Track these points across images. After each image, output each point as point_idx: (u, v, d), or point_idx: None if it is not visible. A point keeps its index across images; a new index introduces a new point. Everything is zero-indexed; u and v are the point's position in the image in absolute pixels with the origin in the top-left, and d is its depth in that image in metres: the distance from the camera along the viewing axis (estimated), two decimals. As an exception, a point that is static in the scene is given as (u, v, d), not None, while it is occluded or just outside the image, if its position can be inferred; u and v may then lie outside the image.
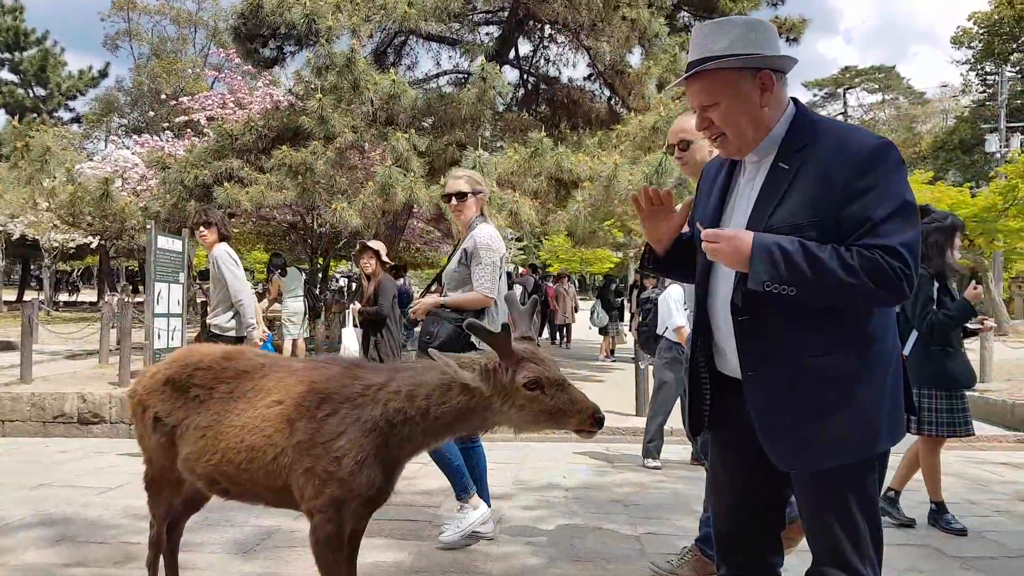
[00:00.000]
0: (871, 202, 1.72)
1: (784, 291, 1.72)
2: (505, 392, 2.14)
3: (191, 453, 2.45)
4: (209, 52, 33.99)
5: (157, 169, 12.73)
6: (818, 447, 1.79)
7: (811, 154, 1.80)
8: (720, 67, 1.83)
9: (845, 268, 1.68)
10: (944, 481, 5.60)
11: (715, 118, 1.87)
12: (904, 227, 1.72)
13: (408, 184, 9.52)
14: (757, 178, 1.90)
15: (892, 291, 1.71)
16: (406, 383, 2.26)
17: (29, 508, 4.56)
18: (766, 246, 1.73)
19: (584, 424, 2.11)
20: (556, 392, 2.12)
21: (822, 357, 1.78)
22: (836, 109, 54.11)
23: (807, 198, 1.77)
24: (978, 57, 36.46)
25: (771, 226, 1.78)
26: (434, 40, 12.77)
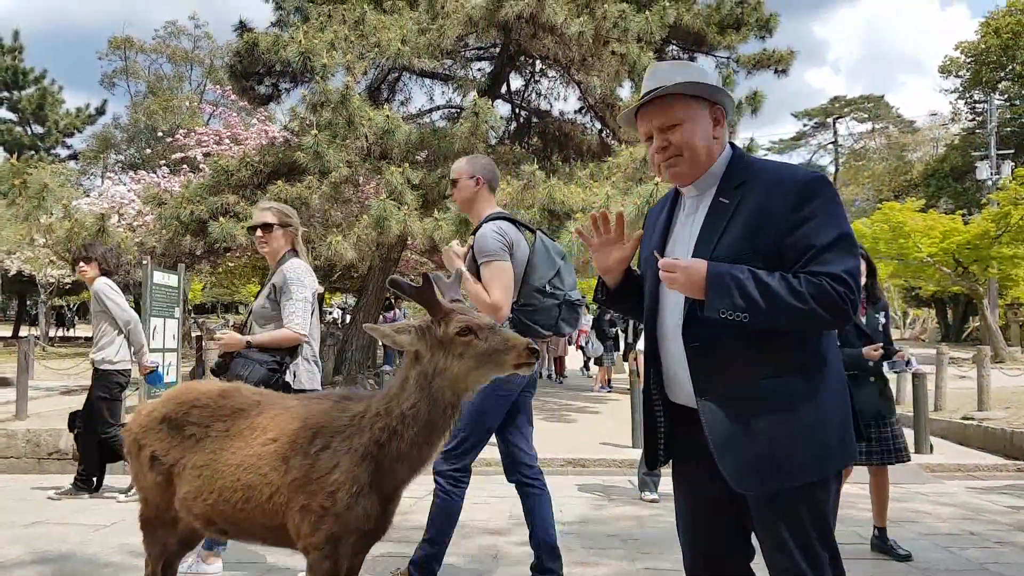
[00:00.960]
0: (811, 231, 1.82)
1: (738, 318, 1.80)
2: (442, 345, 2.21)
3: (188, 492, 2.44)
4: (205, 89, 34.34)
5: (153, 205, 12.80)
6: (771, 467, 1.85)
7: (750, 189, 1.92)
8: (685, 91, 1.97)
9: (793, 294, 1.78)
10: (944, 511, 5.61)
11: (674, 139, 1.98)
12: (845, 255, 1.82)
13: (402, 217, 9.59)
14: (698, 213, 2.02)
15: (838, 315, 1.80)
16: (381, 400, 2.30)
17: (23, 547, 4.51)
18: (720, 275, 1.81)
19: (521, 358, 2.17)
20: (489, 334, 2.19)
21: (772, 379, 1.86)
22: (826, 138, 54.75)
23: (748, 231, 1.87)
24: (966, 86, 37.01)
25: (715, 258, 1.87)
26: (427, 76, 12.95)
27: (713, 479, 1.94)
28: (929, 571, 4.13)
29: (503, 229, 3.45)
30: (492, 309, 3.23)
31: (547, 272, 3.43)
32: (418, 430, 2.24)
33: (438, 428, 2.26)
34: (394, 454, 2.25)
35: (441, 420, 2.25)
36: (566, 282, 3.49)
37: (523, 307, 3.40)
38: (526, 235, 3.68)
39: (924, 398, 8.18)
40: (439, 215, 9.78)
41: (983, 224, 21.29)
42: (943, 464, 7.68)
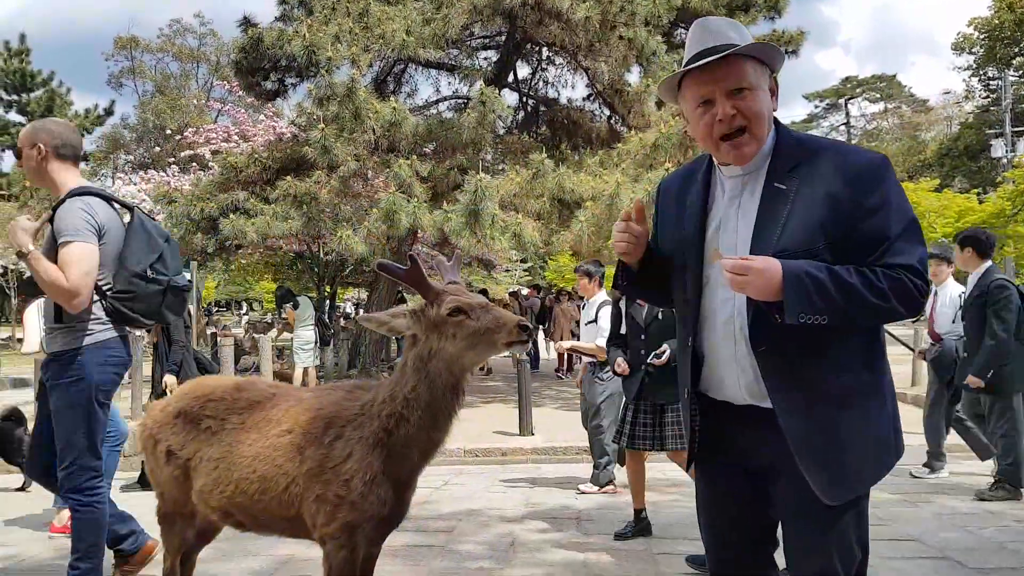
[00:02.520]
0: (884, 220, 1.71)
1: (817, 320, 1.68)
2: (435, 327, 2.21)
3: (205, 485, 2.47)
4: (212, 86, 34.42)
5: (164, 203, 12.88)
6: (854, 476, 1.78)
7: (808, 174, 1.76)
8: (750, 53, 1.77)
9: (875, 292, 1.68)
10: (961, 490, 5.56)
11: (743, 107, 1.76)
12: (917, 244, 1.74)
13: (411, 210, 9.59)
14: (744, 197, 1.83)
15: (914, 307, 1.73)
16: (387, 387, 2.32)
17: (45, 545, 4.56)
18: (798, 277, 1.67)
19: (513, 336, 2.17)
20: (480, 313, 2.20)
21: (839, 380, 1.76)
22: (838, 120, 54.25)
23: (815, 220, 1.72)
24: (980, 62, 36.54)
25: (782, 250, 1.71)
26: (433, 67, 12.91)
27: (738, 473, 1.88)
28: (947, 550, 4.11)
29: (91, 206, 3.07)
30: (69, 295, 2.89)
31: (147, 256, 3.13)
32: (421, 413, 2.24)
33: (442, 410, 2.26)
34: (403, 439, 2.26)
35: (443, 402, 2.25)
36: (170, 266, 3.21)
37: (120, 294, 3.08)
38: (121, 213, 3.29)
39: (940, 378, 8.08)
40: (448, 207, 9.77)
41: (998, 203, 21.08)
42: (959, 444, 7.60)
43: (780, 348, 1.75)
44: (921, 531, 4.47)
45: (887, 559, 3.83)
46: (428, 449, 2.31)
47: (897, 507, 5.05)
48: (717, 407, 1.90)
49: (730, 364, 1.83)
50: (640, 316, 4.44)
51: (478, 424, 8.41)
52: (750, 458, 1.87)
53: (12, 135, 35.39)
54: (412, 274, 2.24)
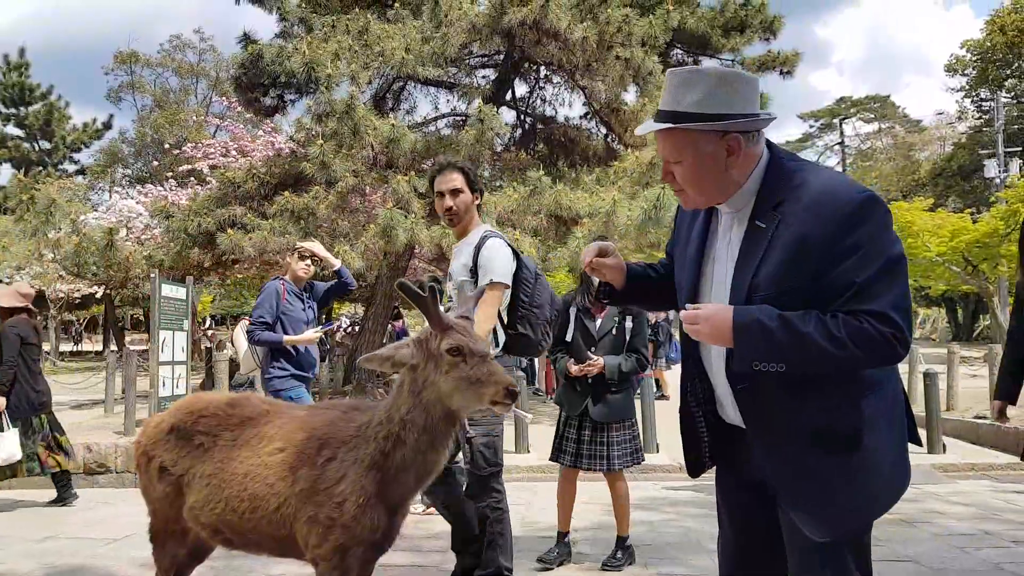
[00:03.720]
0: (854, 265, 1.63)
1: (773, 368, 1.67)
2: (433, 358, 2.21)
3: (196, 502, 2.44)
4: (211, 102, 34.53)
5: (161, 218, 12.86)
6: (847, 515, 1.74)
7: (788, 211, 1.71)
8: (685, 128, 1.74)
9: (831, 340, 1.62)
10: (958, 510, 5.55)
11: (677, 174, 1.80)
12: (891, 286, 1.64)
13: (409, 225, 9.60)
14: (733, 232, 1.84)
15: (883, 357, 1.66)
16: (383, 409, 2.30)
17: (35, 561, 4.51)
18: (747, 326, 1.66)
19: (498, 396, 2.16)
20: (477, 363, 2.18)
21: (823, 422, 1.72)
22: (833, 139, 54.63)
23: (788, 261, 1.69)
24: (973, 84, 36.88)
25: (755, 288, 1.72)
26: (432, 84, 12.97)
27: (752, 488, 1.88)
28: (943, 571, 4.09)
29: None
30: None
31: None
32: (418, 436, 2.22)
33: (439, 435, 2.25)
34: (399, 463, 2.24)
35: (440, 428, 2.24)
36: None
37: None
38: None
39: (936, 397, 8.11)
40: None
41: (992, 222, 21.17)
42: (956, 464, 7.61)
43: (759, 387, 1.73)
44: (919, 552, 4.45)
45: (885, 580, 3.81)
46: (424, 473, 2.29)
47: (895, 527, 5.03)
48: (724, 426, 1.92)
49: (725, 390, 1.85)
50: (593, 328, 4.27)
51: (474, 441, 8.37)
52: (757, 476, 1.87)
53: (10, 148, 35.47)
54: (426, 302, 2.22)
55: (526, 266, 3.62)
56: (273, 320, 5.06)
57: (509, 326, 3.57)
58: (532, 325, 3.57)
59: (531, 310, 3.59)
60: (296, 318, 5.20)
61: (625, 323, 4.26)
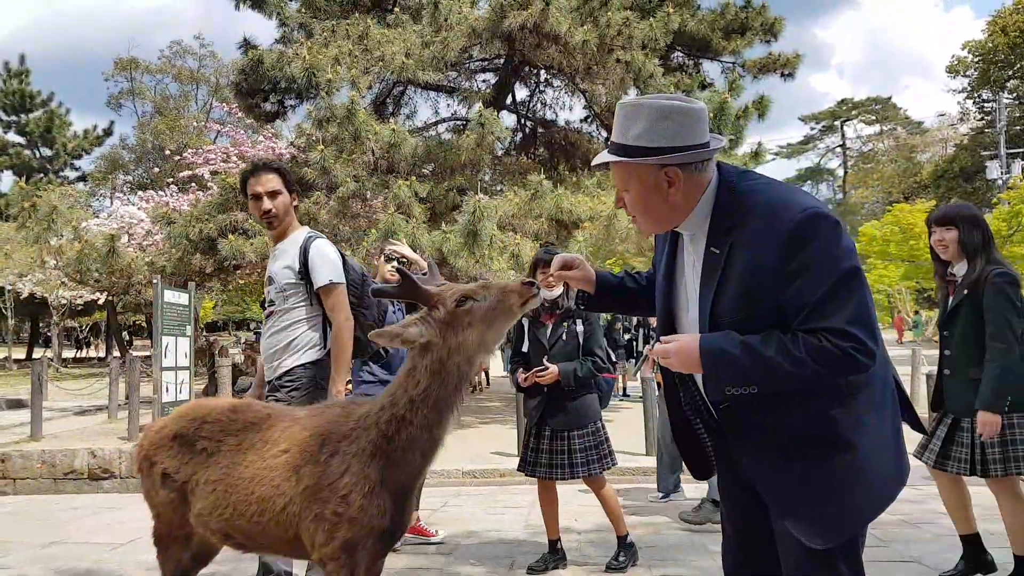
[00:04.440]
0: (805, 285, 1.65)
1: (746, 391, 1.72)
2: (448, 324, 2.22)
3: (203, 508, 2.45)
4: (211, 107, 34.66)
5: (162, 224, 12.87)
6: (836, 522, 1.74)
7: (739, 237, 1.73)
8: (624, 162, 1.80)
9: (792, 361, 1.64)
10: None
11: (627, 202, 1.88)
12: (845, 300, 1.65)
13: (410, 230, 9.62)
14: (695, 256, 1.87)
15: (845, 370, 1.66)
16: (386, 396, 2.31)
17: (41, 566, 4.53)
18: (712, 355, 1.70)
19: (524, 297, 2.21)
20: (484, 292, 2.23)
21: (813, 424, 1.73)
22: (834, 142, 54.69)
23: (743, 288, 1.72)
24: (975, 85, 36.92)
25: (716, 316, 1.76)
26: (432, 89, 13.01)
27: (747, 489, 1.89)
28: (942, 564, 4.09)
29: None
30: None
31: None
32: (427, 412, 2.23)
33: (449, 405, 2.26)
34: (404, 443, 2.24)
35: (453, 396, 2.26)
36: None
37: None
38: None
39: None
40: (447, 227, 9.81)
41: (994, 223, 21.14)
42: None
43: (740, 403, 1.76)
44: (921, 552, 4.44)
45: (888, 581, 3.81)
46: (430, 449, 2.29)
47: (897, 528, 5.02)
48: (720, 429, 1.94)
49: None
50: (544, 337, 4.20)
51: (476, 445, 8.37)
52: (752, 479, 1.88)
53: (11, 156, 35.56)
54: (406, 287, 2.26)
55: (353, 267, 3.63)
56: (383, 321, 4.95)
57: None
58: (361, 326, 3.55)
59: (360, 311, 3.60)
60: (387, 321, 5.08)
61: (576, 327, 4.16)
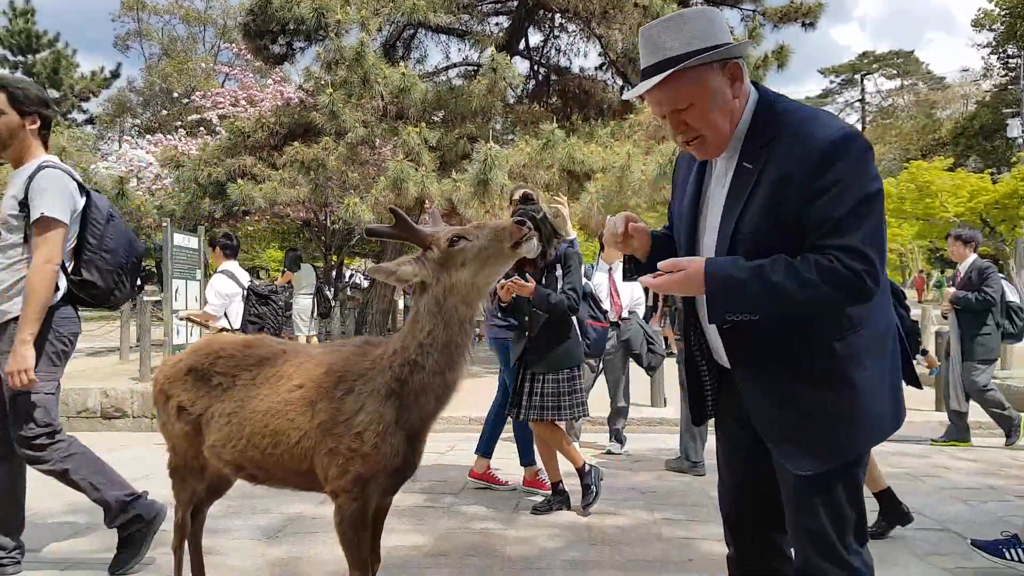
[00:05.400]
0: (830, 201, 1.65)
1: (746, 318, 1.73)
2: (441, 264, 2.23)
3: (217, 440, 2.49)
4: (219, 50, 34.14)
5: (171, 168, 12.86)
6: (827, 450, 1.77)
7: (774, 150, 1.73)
8: (686, 67, 1.71)
9: (801, 283, 1.64)
10: (964, 466, 5.60)
11: (690, 120, 1.78)
12: (865, 221, 1.66)
13: (420, 178, 9.55)
14: (726, 177, 1.85)
15: (852, 293, 1.67)
16: (397, 339, 2.33)
17: (57, 499, 4.63)
18: (717, 280, 1.70)
19: (516, 236, 2.18)
20: (477, 232, 2.22)
21: (812, 354, 1.75)
22: (853, 96, 53.58)
23: (770, 201, 1.72)
24: (1000, 40, 35.92)
25: (739, 229, 1.76)
26: (443, 32, 12.77)
27: (749, 432, 1.91)
28: (946, 523, 4.14)
29: None
30: None
31: None
32: (438, 356, 2.24)
33: (458, 348, 2.26)
34: (417, 387, 2.26)
35: (460, 338, 2.26)
36: None
37: None
38: None
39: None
40: (457, 176, 9.72)
41: (1012, 183, 20.88)
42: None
43: (744, 327, 1.77)
44: (923, 504, 4.49)
45: (889, 530, 3.87)
46: (443, 394, 2.30)
47: (900, 481, 5.07)
48: (722, 369, 1.96)
49: (714, 332, 1.89)
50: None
51: (484, 393, 8.42)
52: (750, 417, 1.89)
53: (19, 97, 35.26)
54: (400, 227, 2.25)
55: (96, 205, 3.28)
56: None
57: (73, 272, 3.25)
58: (100, 271, 3.27)
59: (99, 254, 3.26)
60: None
61: (555, 272, 4.19)
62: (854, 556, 1.81)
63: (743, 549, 2.04)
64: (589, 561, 3.52)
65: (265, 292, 6.65)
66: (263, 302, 6.54)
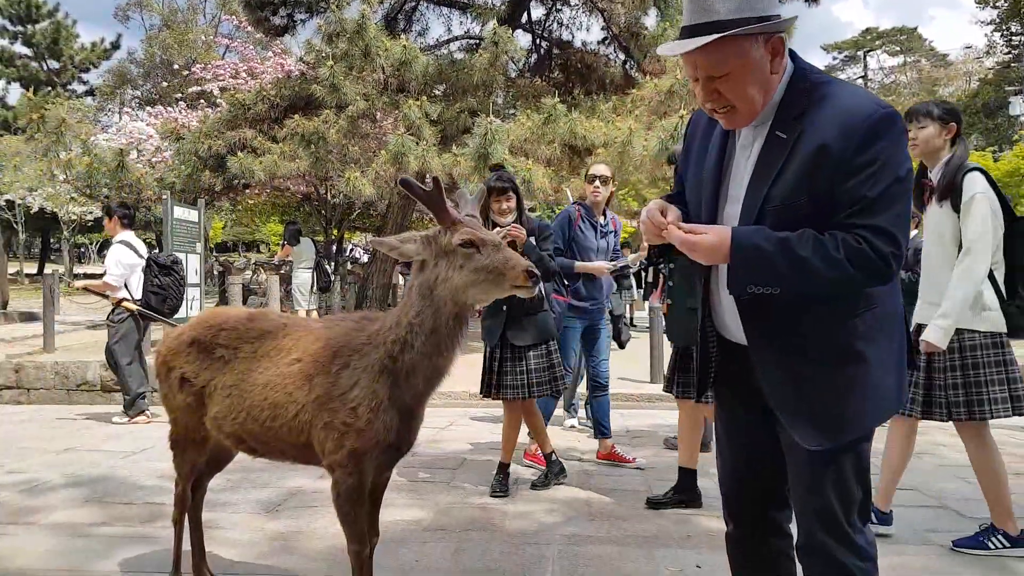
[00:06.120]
0: (867, 179, 1.64)
1: (767, 291, 1.70)
2: (445, 254, 2.20)
3: (219, 412, 2.50)
4: (220, 21, 33.72)
5: (171, 140, 12.75)
6: (838, 423, 1.77)
7: (809, 122, 1.70)
8: (733, 35, 1.65)
9: (828, 263, 1.63)
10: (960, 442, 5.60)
11: (724, 90, 1.73)
12: (896, 203, 1.66)
13: (420, 152, 9.47)
14: (754, 146, 1.80)
15: (878, 276, 1.67)
16: (393, 315, 2.33)
17: (57, 471, 4.66)
18: (744, 249, 1.67)
19: (520, 280, 2.15)
20: (491, 251, 2.18)
21: (829, 330, 1.75)
22: (856, 72, 53.10)
23: (804, 173, 1.68)
24: (1004, 17, 35.52)
25: (768, 200, 1.72)
26: (445, 5, 12.60)
27: (752, 408, 1.92)
28: (944, 499, 4.17)
29: None
30: None
31: None
32: (425, 339, 2.23)
33: (445, 338, 2.25)
34: (408, 366, 2.26)
35: (446, 330, 2.24)
36: None
37: None
38: None
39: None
40: (458, 150, 9.65)
41: (1014, 161, 20.77)
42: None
43: (762, 298, 1.75)
44: (921, 481, 4.53)
45: (885, 507, 3.88)
46: (433, 376, 2.30)
47: (897, 458, 5.10)
48: (730, 346, 1.94)
49: (731, 307, 1.87)
50: None
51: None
52: (759, 396, 1.89)
53: (18, 67, 34.96)
54: (432, 196, 2.20)
55: None
56: (564, 247, 4.79)
57: None
58: None
59: None
60: (586, 246, 4.86)
61: (531, 242, 4.12)
62: (858, 534, 1.82)
63: (741, 526, 2.05)
64: (587, 536, 3.55)
65: (167, 263, 6.53)
66: (165, 272, 6.43)
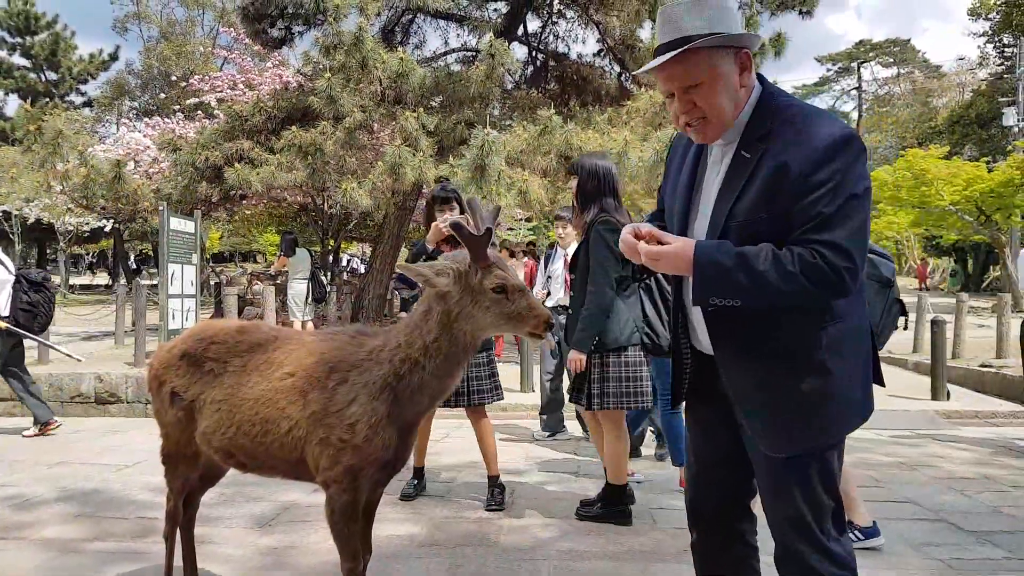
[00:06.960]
0: (822, 197, 1.69)
1: (729, 303, 1.75)
2: (472, 292, 2.25)
3: (208, 426, 2.48)
4: (218, 33, 33.84)
5: (168, 151, 12.73)
6: (801, 432, 1.81)
7: (773, 143, 1.77)
8: (702, 46, 1.76)
9: (783, 276, 1.68)
10: (959, 455, 5.61)
11: (698, 99, 1.81)
12: (851, 219, 1.70)
13: (417, 164, 9.48)
14: (723, 163, 1.89)
15: (831, 289, 1.71)
16: (402, 333, 2.33)
17: (49, 485, 4.62)
18: (704, 264, 1.74)
19: (539, 329, 2.24)
20: (518, 297, 2.24)
21: (793, 342, 1.80)
22: (850, 84, 53.40)
23: (766, 191, 1.75)
24: (996, 29, 35.70)
25: (732, 217, 1.79)
26: (442, 17, 12.64)
27: (721, 420, 1.96)
28: (942, 513, 4.14)
29: None
30: None
31: None
32: (439, 362, 2.27)
33: (458, 361, 2.30)
34: (415, 385, 2.28)
35: (461, 354, 2.29)
36: None
37: None
38: None
39: (942, 345, 8.10)
40: (454, 161, 9.66)
41: (1008, 172, 20.79)
42: (960, 411, 7.65)
43: (725, 310, 1.80)
44: (918, 494, 4.50)
45: (884, 520, 3.85)
46: (438, 394, 2.34)
47: (894, 470, 5.09)
48: (700, 355, 2.00)
49: (699, 316, 1.93)
50: None
51: (479, 379, 8.45)
52: (728, 404, 1.93)
53: (16, 79, 35.00)
54: (480, 241, 2.24)
55: None
56: None
57: None
58: None
59: None
60: None
61: None
62: (833, 542, 1.84)
63: (704, 535, 2.08)
64: (583, 551, 3.52)
65: (38, 279, 6.41)
66: (36, 289, 6.31)
